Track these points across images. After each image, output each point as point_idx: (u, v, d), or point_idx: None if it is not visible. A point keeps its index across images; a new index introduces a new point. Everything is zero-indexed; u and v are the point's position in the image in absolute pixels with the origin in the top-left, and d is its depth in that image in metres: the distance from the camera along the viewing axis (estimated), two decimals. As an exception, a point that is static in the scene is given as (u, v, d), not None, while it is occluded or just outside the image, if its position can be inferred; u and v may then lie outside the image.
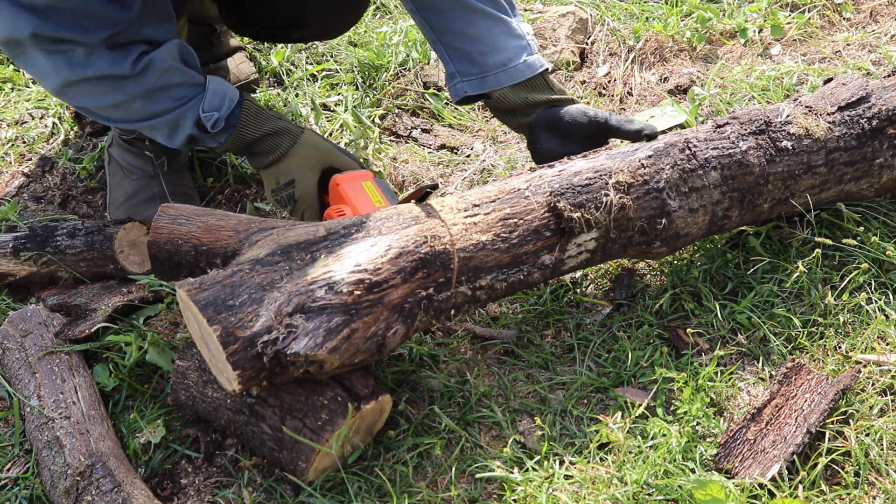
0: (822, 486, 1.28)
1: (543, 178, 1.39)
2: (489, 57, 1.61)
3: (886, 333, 1.50)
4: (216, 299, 1.16)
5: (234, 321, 1.15)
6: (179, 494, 1.36)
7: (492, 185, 1.40)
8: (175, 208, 1.38)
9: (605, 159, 1.43)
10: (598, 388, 1.47)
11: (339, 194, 1.57)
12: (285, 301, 1.17)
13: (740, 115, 1.53)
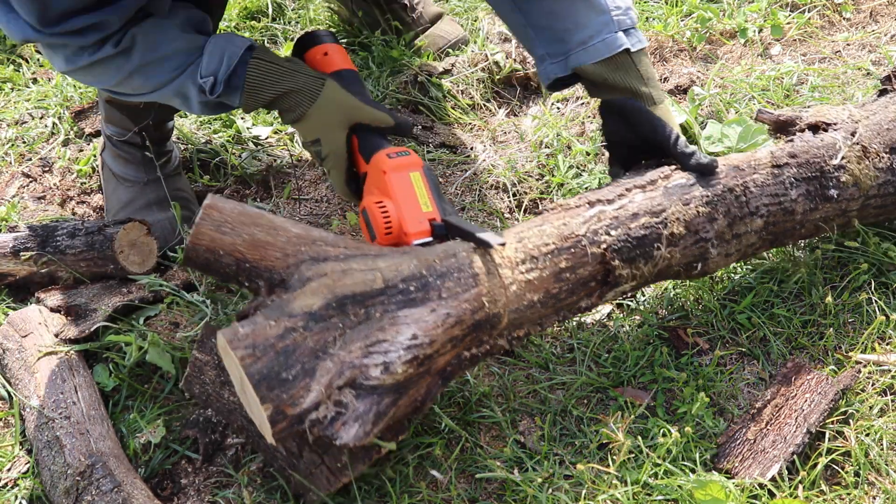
0: (822, 486, 1.28)
1: (602, 219, 1.32)
2: (573, 34, 1.52)
3: (886, 333, 1.50)
4: (270, 373, 1.06)
5: (285, 398, 1.06)
6: (179, 494, 1.36)
7: (550, 227, 1.30)
8: (220, 210, 1.20)
9: (662, 198, 1.37)
10: (598, 388, 1.47)
11: (384, 183, 1.40)
12: (337, 374, 1.09)
13: (799, 155, 1.48)
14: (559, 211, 1.34)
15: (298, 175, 1.98)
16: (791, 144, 1.50)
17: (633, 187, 1.38)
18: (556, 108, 2.13)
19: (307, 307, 1.11)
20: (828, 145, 1.51)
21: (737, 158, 1.46)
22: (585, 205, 1.35)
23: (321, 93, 1.48)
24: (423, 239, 1.32)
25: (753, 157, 1.46)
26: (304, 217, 1.89)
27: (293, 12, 2.51)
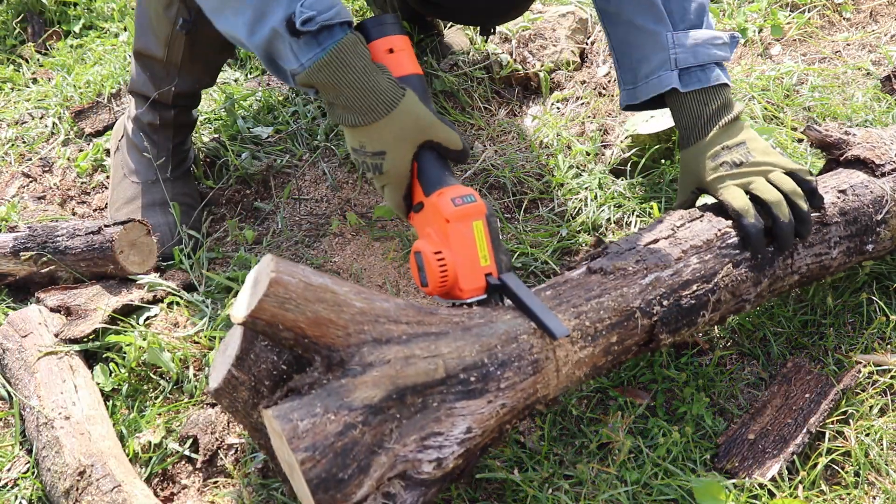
0: (822, 486, 1.28)
1: (657, 287, 1.30)
2: (641, 66, 1.55)
3: (886, 333, 1.50)
4: (328, 476, 1.03)
5: (339, 497, 1.05)
6: (179, 494, 1.36)
7: (608, 299, 1.27)
8: (285, 286, 1.09)
9: (714, 260, 1.35)
10: (598, 388, 1.47)
11: (445, 232, 1.30)
12: (389, 467, 1.08)
13: (849, 213, 1.45)
14: (618, 277, 1.30)
15: (298, 175, 1.98)
16: (843, 199, 1.46)
17: (690, 248, 1.35)
18: (556, 108, 2.13)
19: (368, 399, 1.08)
20: (876, 199, 1.48)
21: None
22: (643, 271, 1.31)
23: (400, 103, 1.32)
24: (478, 297, 1.29)
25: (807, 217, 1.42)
26: (303, 217, 1.89)
27: (293, 12, 2.51)
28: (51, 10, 2.69)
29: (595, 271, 1.31)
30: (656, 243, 1.36)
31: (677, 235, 1.37)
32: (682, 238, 1.36)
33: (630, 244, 1.36)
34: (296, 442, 1.02)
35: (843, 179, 1.49)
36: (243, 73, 2.35)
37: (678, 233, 1.38)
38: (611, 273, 1.30)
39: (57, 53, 2.54)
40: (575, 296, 1.26)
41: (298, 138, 2.07)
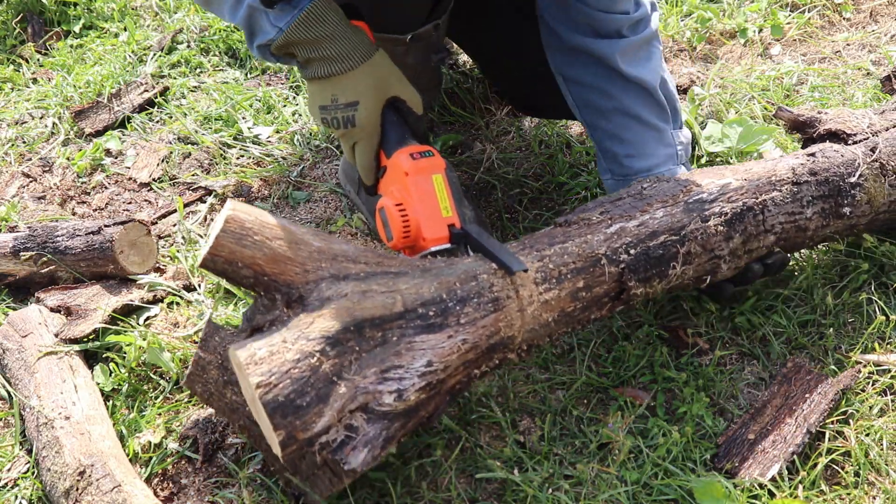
0: (822, 486, 1.28)
1: (622, 237, 1.31)
2: (636, 161, 1.62)
3: (886, 333, 1.50)
4: (285, 401, 1.05)
5: (298, 424, 1.06)
6: (179, 494, 1.36)
7: (572, 245, 1.28)
8: (240, 223, 1.14)
9: (682, 213, 1.36)
10: (598, 388, 1.47)
11: (405, 185, 1.35)
12: (350, 398, 1.09)
13: (819, 173, 1.47)
14: (581, 226, 1.33)
15: (299, 174, 1.98)
16: (812, 160, 1.49)
17: (657, 203, 1.37)
18: (556, 108, 2.13)
19: (325, 331, 1.10)
20: (847, 161, 1.50)
21: (757, 171, 1.45)
22: (607, 221, 1.34)
23: (375, 54, 1.37)
24: (441, 245, 1.31)
25: (774, 173, 1.46)
26: (303, 218, 1.89)
27: (293, 12, 2.51)
28: (51, 10, 2.69)
29: (560, 224, 1.33)
30: (621, 199, 1.38)
31: (644, 193, 1.39)
32: (649, 195, 1.38)
33: (596, 203, 1.38)
34: (252, 367, 1.04)
35: (813, 148, 1.53)
36: (243, 73, 2.35)
37: (645, 191, 1.40)
38: (574, 223, 1.32)
39: (57, 53, 2.54)
40: (539, 242, 1.28)
41: (298, 138, 2.07)
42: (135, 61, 2.44)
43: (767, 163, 1.49)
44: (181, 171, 2.04)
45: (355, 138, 1.40)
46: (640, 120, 1.62)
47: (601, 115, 1.66)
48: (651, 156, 1.62)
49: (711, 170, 1.47)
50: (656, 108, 1.62)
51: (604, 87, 1.63)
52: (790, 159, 1.50)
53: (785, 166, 1.47)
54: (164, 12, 2.66)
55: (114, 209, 1.97)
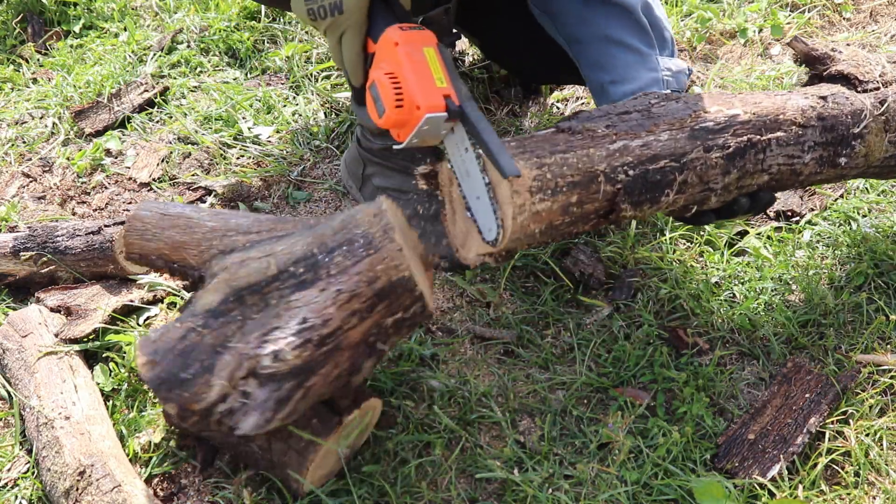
0: (822, 486, 1.28)
1: (624, 155, 1.25)
2: (618, 87, 1.60)
3: (886, 333, 1.50)
4: (168, 376, 1.11)
5: (187, 396, 1.10)
6: (179, 494, 1.36)
7: (573, 157, 1.20)
8: (141, 219, 1.28)
9: (686, 140, 1.30)
10: (598, 388, 1.47)
11: (395, 56, 1.27)
12: (237, 366, 1.12)
13: (827, 118, 1.42)
14: (586, 137, 1.25)
15: (299, 174, 1.98)
16: (823, 104, 1.44)
17: (663, 124, 1.31)
18: (556, 107, 2.13)
19: (207, 305, 1.15)
20: (856, 111, 1.45)
21: (767, 105, 1.40)
22: (612, 136, 1.27)
23: None
24: (437, 114, 1.21)
25: (783, 110, 1.40)
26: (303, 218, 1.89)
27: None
28: (51, 10, 2.69)
29: (563, 130, 1.26)
30: (629, 114, 1.32)
31: (652, 111, 1.34)
32: (657, 114, 1.33)
33: (603, 112, 1.32)
34: (141, 350, 1.12)
35: (824, 89, 1.48)
36: (243, 73, 2.35)
37: (653, 109, 1.34)
38: (579, 133, 1.25)
39: (57, 53, 2.54)
40: (540, 148, 1.20)
41: (299, 138, 2.07)
42: (135, 61, 2.44)
43: (778, 97, 1.44)
44: (181, 171, 2.04)
45: (342, 27, 1.35)
46: (622, 44, 1.58)
47: (583, 45, 1.63)
48: (634, 79, 1.58)
49: (721, 95, 1.41)
50: (638, 31, 1.59)
51: (582, 13, 1.61)
52: (800, 98, 1.44)
53: (794, 105, 1.42)
54: (164, 12, 2.66)
55: (114, 209, 1.97)
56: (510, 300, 1.65)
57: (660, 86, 1.58)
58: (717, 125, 1.33)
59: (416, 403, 1.45)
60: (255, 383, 1.12)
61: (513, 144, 1.20)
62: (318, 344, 1.13)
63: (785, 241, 1.69)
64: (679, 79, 1.63)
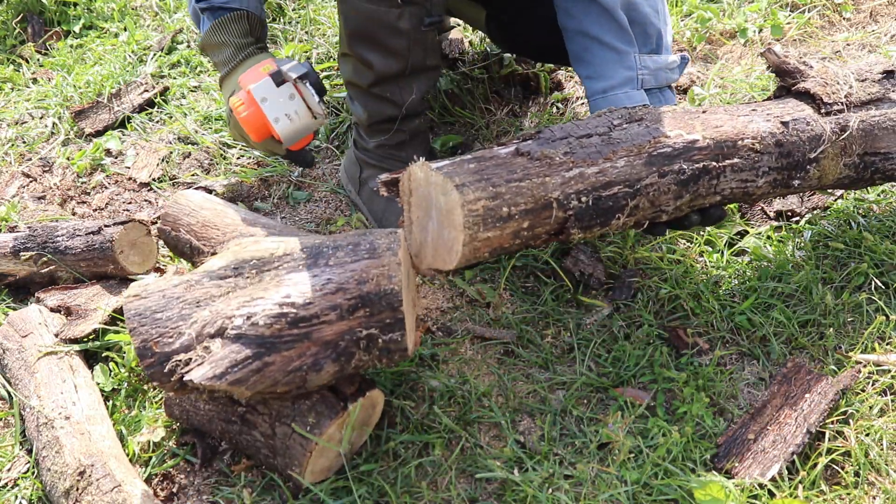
0: (822, 486, 1.28)
1: (579, 182, 1.28)
2: (593, 83, 1.64)
3: (886, 333, 1.50)
4: (145, 311, 1.18)
5: (154, 335, 1.16)
6: (179, 494, 1.36)
7: (529, 184, 1.24)
8: (186, 198, 1.50)
9: (643, 166, 1.32)
10: (598, 388, 1.47)
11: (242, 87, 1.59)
12: (210, 322, 1.17)
13: (785, 145, 1.45)
14: (543, 164, 1.27)
15: (299, 175, 1.98)
16: (783, 131, 1.46)
17: (621, 150, 1.33)
18: (556, 107, 2.13)
19: (208, 267, 1.24)
20: (815, 136, 1.48)
21: (727, 130, 1.41)
22: (569, 163, 1.28)
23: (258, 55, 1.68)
24: (260, 82, 1.50)
25: (743, 135, 1.42)
26: (302, 218, 1.89)
27: (294, 12, 2.52)
28: (51, 10, 2.69)
29: (522, 153, 1.28)
30: (589, 138, 1.33)
31: (612, 136, 1.34)
32: (616, 139, 1.34)
33: (564, 132, 1.33)
34: (134, 286, 1.23)
35: (787, 110, 1.49)
36: (243, 73, 2.35)
37: (614, 133, 1.35)
38: (537, 159, 1.27)
39: (57, 53, 2.54)
40: (496, 175, 1.23)
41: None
42: (135, 61, 2.44)
43: (740, 118, 1.45)
44: (181, 171, 2.04)
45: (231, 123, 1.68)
46: (599, 41, 1.61)
47: (570, 36, 1.67)
48: (608, 77, 1.62)
49: (684, 116, 1.42)
50: (615, 29, 1.61)
51: (569, 7, 1.64)
52: (762, 122, 1.45)
53: (755, 130, 1.43)
54: (164, 12, 2.66)
55: (114, 209, 1.97)
56: (510, 300, 1.65)
57: (633, 84, 1.61)
58: (674, 151, 1.36)
59: (416, 403, 1.45)
60: (219, 343, 1.16)
61: (471, 167, 1.23)
62: (291, 323, 1.17)
63: (785, 241, 1.69)
64: (659, 76, 1.65)
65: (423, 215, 1.25)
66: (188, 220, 1.51)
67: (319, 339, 1.18)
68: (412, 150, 1.77)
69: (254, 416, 1.29)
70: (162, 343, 1.16)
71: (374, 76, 1.64)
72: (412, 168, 1.24)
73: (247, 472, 1.36)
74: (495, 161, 1.25)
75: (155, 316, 1.18)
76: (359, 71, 1.66)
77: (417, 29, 1.57)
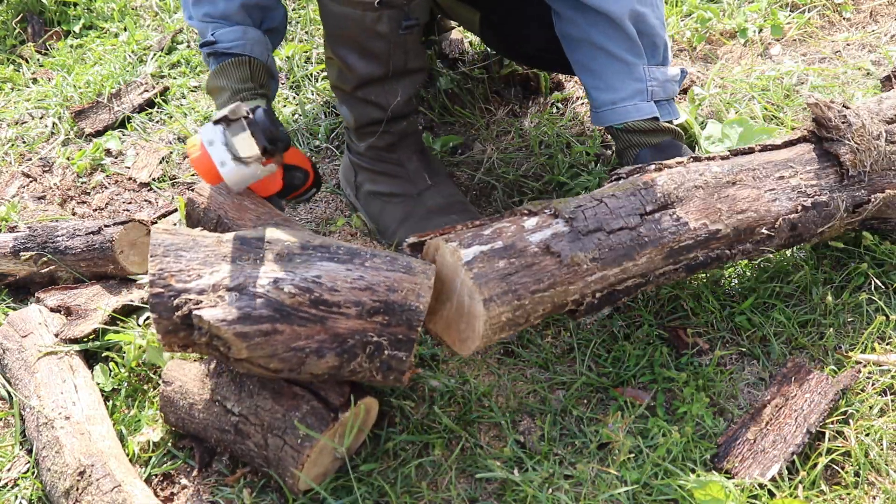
0: (822, 486, 1.28)
1: (599, 283, 1.31)
2: (601, 94, 1.64)
3: (886, 333, 1.50)
4: (172, 245, 1.18)
5: (174, 269, 1.16)
6: (179, 494, 1.36)
7: (554, 292, 1.27)
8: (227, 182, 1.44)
9: (661, 260, 1.35)
10: (598, 388, 1.47)
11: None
12: (232, 277, 1.17)
13: (800, 225, 1.47)
14: (570, 272, 1.28)
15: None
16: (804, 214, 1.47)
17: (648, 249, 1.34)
18: (556, 107, 2.13)
19: (242, 234, 1.24)
20: (829, 215, 1.50)
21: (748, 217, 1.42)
22: (595, 269, 1.30)
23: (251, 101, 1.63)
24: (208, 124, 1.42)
25: (763, 221, 1.44)
26: (302, 217, 1.89)
27: (294, 12, 2.52)
28: (51, 10, 2.69)
29: (553, 252, 1.28)
30: (619, 233, 1.33)
31: (641, 232, 1.34)
32: (645, 237, 1.34)
33: (597, 222, 1.32)
34: (164, 228, 1.23)
35: (812, 183, 1.49)
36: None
37: (643, 228, 1.34)
38: (566, 266, 1.28)
39: (57, 53, 2.54)
40: (523, 285, 1.24)
41: (299, 138, 2.07)
42: (135, 61, 2.44)
43: (763, 196, 1.45)
44: (181, 171, 2.04)
45: None
46: (607, 51, 1.61)
47: (574, 45, 1.66)
48: (617, 89, 1.62)
49: (713, 198, 1.42)
50: (625, 41, 1.60)
51: (573, 16, 1.63)
52: (785, 200, 1.46)
53: (776, 212, 1.44)
54: (164, 12, 2.66)
55: (114, 209, 1.97)
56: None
57: (643, 96, 1.61)
58: (696, 243, 1.38)
59: (416, 403, 1.45)
60: (235, 296, 1.16)
61: (500, 267, 1.24)
62: (313, 302, 1.17)
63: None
64: (667, 88, 1.65)
65: (445, 289, 1.28)
66: (222, 199, 1.48)
67: (332, 328, 1.19)
68: (403, 152, 1.78)
69: (246, 426, 1.29)
70: (179, 278, 1.16)
71: (357, 79, 1.64)
72: (441, 245, 1.26)
73: (244, 476, 1.36)
74: (524, 260, 1.26)
75: (179, 252, 1.18)
76: (342, 74, 1.66)
77: (396, 32, 1.57)
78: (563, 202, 1.34)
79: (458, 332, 1.28)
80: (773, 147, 1.55)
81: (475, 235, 1.27)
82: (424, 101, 2.12)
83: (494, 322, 1.22)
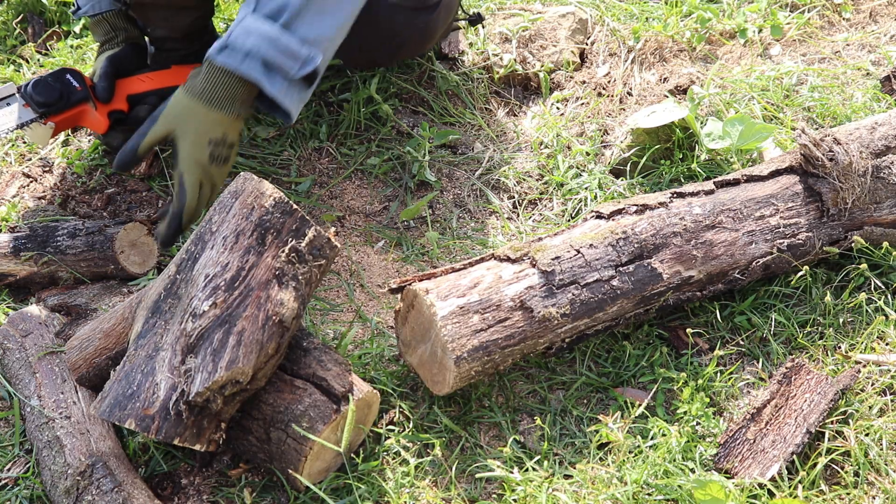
0: (821, 485, 1.28)
1: (569, 333, 1.40)
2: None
3: (886, 333, 1.50)
4: (116, 399, 1.20)
5: (139, 406, 1.18)
6: (179, 494, 1.36)
7: (523, 346, 1.36)
8: (76, 337, 1.40)
9: (633, 306, 1.44)
10: (598, 388, 1.47)
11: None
12: (172, 354, 1.19)
13: (774, 266, 1.54)
14: (541, 328, 1.36)
15: (295, 175, 1.98)
16: (779, 256, 1.53)
17: (621, 300, 1.42)
18: (556, 108, 2.13)
19: (135, 334, 1.26)
20: (805, 252, 1.56)
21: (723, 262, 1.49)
22: (568, 321, 1.38)
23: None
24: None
25: (737, 264, 1.50)
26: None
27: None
28: (51, 11, 2.69)
29: (526, 308, 1.35)
30: (593, 286, 1.39)
31: (614, 284, 1.40)
32: (619, 289, 1.40)
33: (572, 276, 1.38)
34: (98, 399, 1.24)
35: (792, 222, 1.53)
36: (243, 73, 2.35)
37: (616, 281, 1.40)
38: (538, 322, 1.35)
39: (57, 53, 2.54)
40: (494, 342, 1.32)
41: (299, 138, 2.07)
42: (135, 61, 2.44)
43: (740, 240, 1.49)
44: (181, 171, 2.04)
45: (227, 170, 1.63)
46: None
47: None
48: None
49: (689, 245, 1.46)
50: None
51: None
52: (761, 242, 1.51)
53: (750, 255, 1.50)
54: (164, 12, 2.66)
55: (114, 209, 1.97)
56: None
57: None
58: (668, 288, 1.45)
59: (416, 403, 1.45)
60: (192, 356, 1.18)
61: (473, 324, 1.31)
62: (227, 288, 1.20)
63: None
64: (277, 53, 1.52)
65: (420, 333, 1.37)
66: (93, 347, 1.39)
67: (259, 283, 1.22)
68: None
69: (248, 421, 1.29)
70: (150, 405, 1.18)
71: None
72: (420, 295, 1.33)
73: (246, 474, 1.36)
74: (498, 314, 1.33)
75: (127, 394, 1.20)
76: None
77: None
78: (542, 249, 1.39)
79: (431, 374, 1.36)
80: (758, 178, 1.58)
81: (452, 286, 1.33)
82: (424, 101, 2.12)
83: (464, 376, 1.31)
